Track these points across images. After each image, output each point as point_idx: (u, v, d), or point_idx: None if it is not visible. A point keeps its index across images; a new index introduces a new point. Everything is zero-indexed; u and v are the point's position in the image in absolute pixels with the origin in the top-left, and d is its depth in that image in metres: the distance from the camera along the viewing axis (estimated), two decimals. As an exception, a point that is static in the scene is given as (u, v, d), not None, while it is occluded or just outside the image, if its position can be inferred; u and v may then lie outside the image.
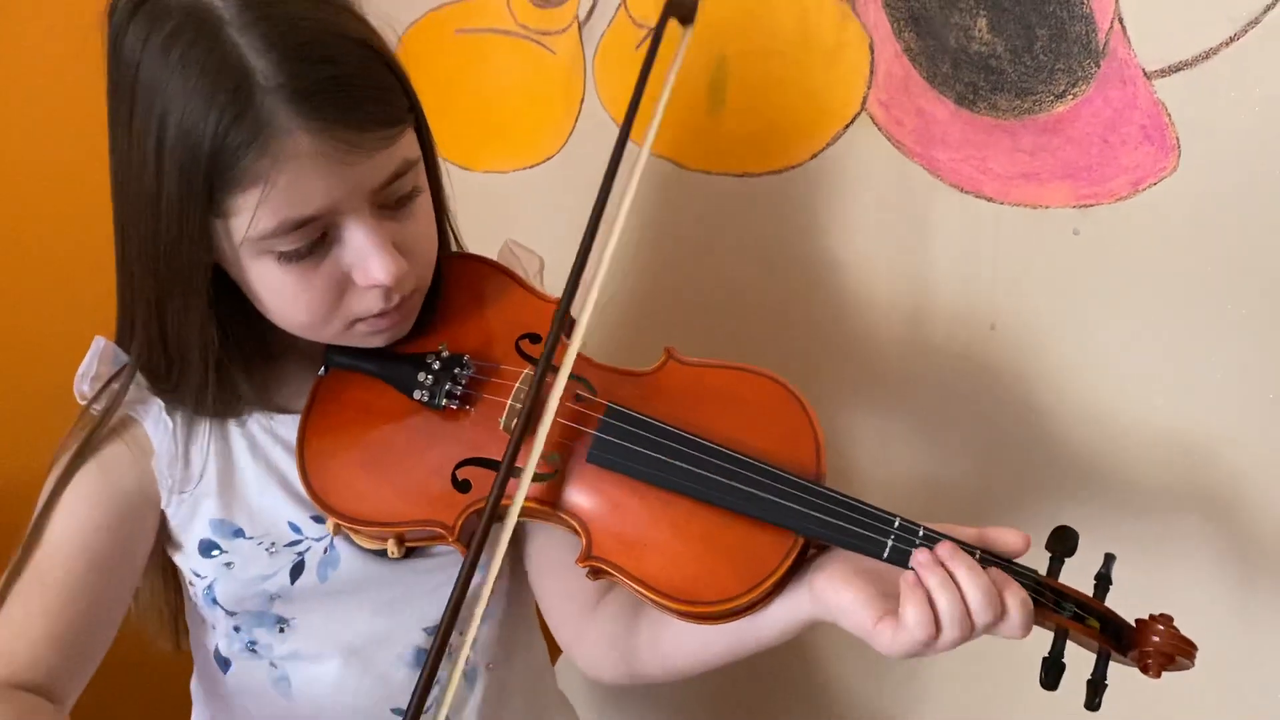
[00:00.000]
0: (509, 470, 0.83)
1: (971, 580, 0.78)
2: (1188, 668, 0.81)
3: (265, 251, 0.85)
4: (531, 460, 0.85)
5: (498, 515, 0.85)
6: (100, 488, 0.93)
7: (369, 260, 0.86)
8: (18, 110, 1.60)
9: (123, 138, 0.86)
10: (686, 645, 0.95)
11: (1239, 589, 1.03)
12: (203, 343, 0.91)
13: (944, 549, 0.80)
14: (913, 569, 0.80)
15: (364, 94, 0.83)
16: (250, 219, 0.82)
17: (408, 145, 0.89)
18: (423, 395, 0.93)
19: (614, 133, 1.38)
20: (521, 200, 1.52)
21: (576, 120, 1.43)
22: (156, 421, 0.96)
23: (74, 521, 0.91)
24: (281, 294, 0.89)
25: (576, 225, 1.46)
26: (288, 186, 0.81)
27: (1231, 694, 1.05)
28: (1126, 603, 0.83)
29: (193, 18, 0.81)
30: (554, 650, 1.22)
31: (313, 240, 0.85)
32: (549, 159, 1.48)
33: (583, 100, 1.41)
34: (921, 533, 0.82)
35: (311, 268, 0.87)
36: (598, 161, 1.42)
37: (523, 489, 0.85)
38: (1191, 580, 1.05)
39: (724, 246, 1.33)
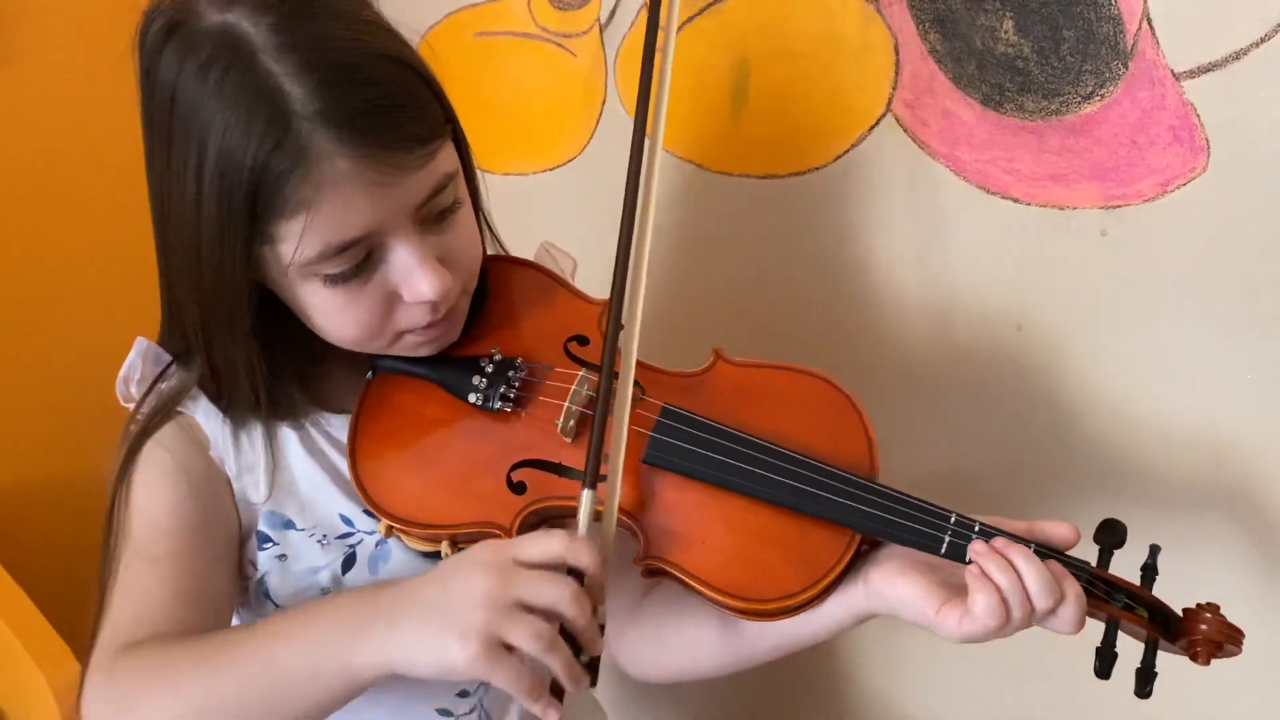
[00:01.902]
0: (594, 476, 0.83)
1: (1029, 566, 0.80)
2: (1236, 654, 0.83)
3: (312, 275, 0.86)
4: (615, 471, 0.85)
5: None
6: (169, 465, 0.93)
7: (414, 277, 0.87)
8: (56, 121, 1.60)
9: (161, 165, 0.86)
10: (734, 641, 0.96)
11: (1275, 578, 1.04)
12: (248, 362, 0.91)
13: (999, 540, 0.82)
14: (971, 559, 0.82)
15: (401, 114, 0.83)
16: (295, 246, 0.82)
17: (446, 159, 0.89)
18: (477, 398, 0.93)
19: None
20: (542, 202, 1.52)
21: (598, 123, 1.44)
22: (208, 413, 0.96)
23: (157, 497, 0.91)
24: (330, 314, 0.89)
25: (597, 227, 1.47)
26: (330, 212, 0.82)
27: (1276, 680, 1.06)
28: (1167, 594, 0.85)
29: (226, 45, 0.81)
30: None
31: (358, 261, 0.86)
32: (569, 161, 1.48)
33: (604, 102, 1.42)
34: (977, 528, 0.83)
35: (358, 287, 0.87)
36: (619, 163, 1.43)
37: (614, 494, 0.85)
38: (1226, 573, 1.06)
39: (748, 248, 1.33)
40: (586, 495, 0.82)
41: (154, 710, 0.78)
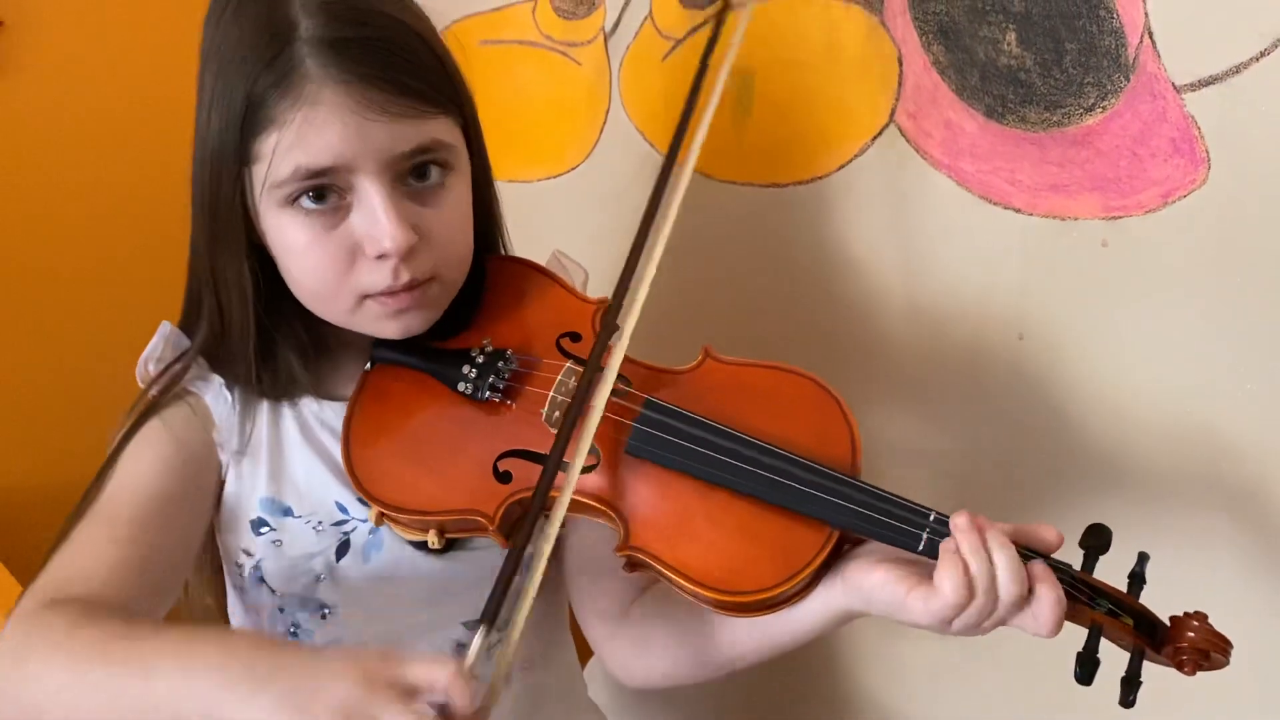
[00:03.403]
0: (558, 463, 0.84)
1: (1002, 551, 0.79)
2: (1223, 665, 0.81)
3: (284, 203, 0.88)
4: (580, 454, 0.86)
5: (545, 507, 0.86)
6: (165, 439, 0.94)
7: (377, 227, 0.88)
8: (60, 128, 1.63)
9: (198, 97, 0.90)
10: (719, 642, 0.95)
11: (1270, 588, 1.03)
12: (243, 308, 0.93)
13: (981, 519, 0.82)
14: (951, 536, 0.81)
15: (394, 60, 0.86)
16: (269, 165, 0.85)
17: (442, 129, 0.91)
18: (466, 388, 0.94)
19: (640, 143, 1.40)
20: (546, 209, 1.53)
21: (601, 131, 1.44)
22: (217, 396, 0.98)
23: (141, 465, 0.92)
24: (293, 254, 0.91)
25: (601, 233, 1.47)
26: (302, 131, 0.84)
27: (1266, 691, 1.05)
28: (1156, 603, 0.84)
29: None
30: (582, 656, 1.23)
31: (329, 202, 0.88)
32: (573, 169, 1.49)
33: (608, 111, 1.43)
34: (957, 513, 0.82)
35: (326, 229, 0.89)
36: (623, 171, 1.44)
37: (571, 482, 0.85)
38: (1221, 581, 1.05)
39: (751, 256, 1.34)
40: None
41: (43, 678, 0.76)
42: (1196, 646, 0.80)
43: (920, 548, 0.82)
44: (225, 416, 0.98)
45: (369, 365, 1.00)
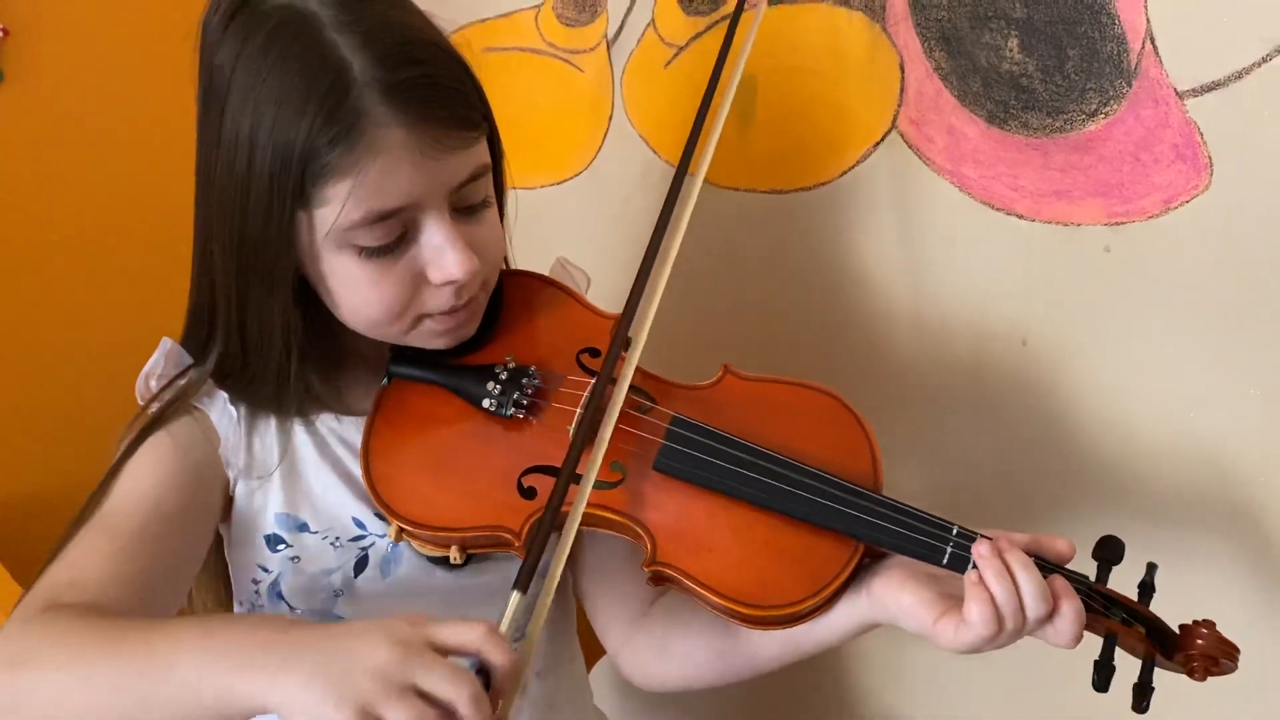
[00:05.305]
0: (570, 475, 0.85)
1: (1025, 574, 0.81)
2: (1231, 670, 0.83)
3: (347, 245, 0.88)
4: (593, 466, 0.87)
5: (559, 522, 0.87)
6: (171, 452, 0.93)
7: (445, 256, 0.89)
8: (64, 136, 1.62)
9: (213, 136, 0.89)
10: (741, 647, 0.97)
11: (1271, 596, 1.05)
12: (285, 338, 0.93)
13: (1003, 542, 0.83)
14: (974, 564, 0.82)
15: (450, 95, 0.87)
16: (339, 209, 0.85)
17: (482, 152, 0.92)
18: (491, 404, 0.94)
19: (643, 150, 1.41)
20: (549, 216, 1.53)
21: (604, 138, 1.45)
22: (221, 412, 0.97)
23: (144, 478, 0.90)
24: (356, 289, 0.91)
25: (604, 240, 1.47)
26: (378, 178, 0.85)
27: (1271, 698, 1.07)
28: (1163, 612, 0.85)
29: (291, 20, 0.85)
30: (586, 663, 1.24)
31: (393, 238, 0.88)
32: (576, 175, 1.50)
33: (610, 118, 1.43)
34: (978, 539, 0.84)
35: (389, 265, 0.89)
36: (626, 178, 1.44)
37: (584, 494, 0.86)
38: (1226, 587, 1.06)
39: (754, 262, 1.34)
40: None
41: (44, 680, 0.73)
42: (1206, 653, 0.82)
43: (944, 561, 0.84)
44: (230, 432, 0.97)
45: (385, 381, 1.00)
